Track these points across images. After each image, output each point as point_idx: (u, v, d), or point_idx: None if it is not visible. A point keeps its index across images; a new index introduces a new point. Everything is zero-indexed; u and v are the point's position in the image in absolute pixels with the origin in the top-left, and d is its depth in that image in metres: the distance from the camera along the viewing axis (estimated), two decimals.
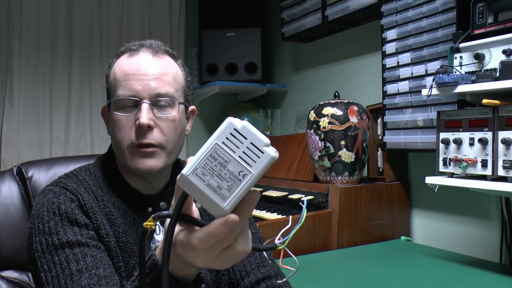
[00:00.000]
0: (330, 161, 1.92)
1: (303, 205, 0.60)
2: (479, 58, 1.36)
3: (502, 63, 1.29)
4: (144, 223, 0.59)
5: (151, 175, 0.95)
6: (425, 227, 1.99)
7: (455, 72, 1.40)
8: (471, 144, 1.36)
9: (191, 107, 1.03)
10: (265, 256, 1.01)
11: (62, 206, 0.87)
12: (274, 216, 1.94)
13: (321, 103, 1.98)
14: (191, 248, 0.56)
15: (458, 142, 1.39)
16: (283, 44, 2.89)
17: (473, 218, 1.81)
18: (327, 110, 1.93)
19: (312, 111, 1.99)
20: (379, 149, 2.03)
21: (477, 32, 1.40)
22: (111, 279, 0.81)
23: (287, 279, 0.98)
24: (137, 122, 0.90)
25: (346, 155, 1.90)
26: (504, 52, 1.31)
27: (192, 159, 0.55)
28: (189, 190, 0.54)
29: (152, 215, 0.59)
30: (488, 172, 1.30)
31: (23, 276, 1.13)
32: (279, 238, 0.61)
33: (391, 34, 1.89)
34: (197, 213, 0.61)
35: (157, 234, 0.97)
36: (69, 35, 2.71)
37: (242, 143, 0.53)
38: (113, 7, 2.82)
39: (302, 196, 2.00)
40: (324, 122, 1.92)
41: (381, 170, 2.04)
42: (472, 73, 1.38)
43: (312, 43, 2.66)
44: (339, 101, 1.95)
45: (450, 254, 1.69)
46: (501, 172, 1.27)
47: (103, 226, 0.89)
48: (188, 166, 0.54)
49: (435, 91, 1.43)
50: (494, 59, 1.34)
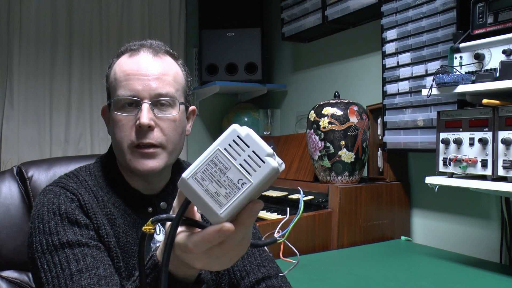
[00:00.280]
0: (330, 161, 1.92)
1: (300, 196, 0.60)
2: (479, 58, 1.36)
3: (502, 63, 1.29)
4: (143, 227, 0.59)
5: (151, 175, 0.95)
6: (425, 227, 2.00)
7: (455, 72, 1.40)
8: (471, 144, 1.36)
9: (192, 107, 1.03)
10: (265, 255, 1.01)
11: (63, 206, 0.87)
12: (274, 216, 1.94)
13: (321, 103, 1.98)
14: (187, 251, 0.57)
15: (458, 142, 1.39)
16: (283, 44, 2.89)
17: (473, 218, 1.81)
18: (327, 110, 1.93)
19: (312, 111, 1.99)
20: (379, 149, 2.03)
21: (477, 32, 1.40)
22: (111, 279, 0.81)
23: (288, 271, 0.98)
24: (138, 122, 0.90)
25: (346, 155, 1.90)
26: (504, 52, 1.31)
27: (194, 163, 0.55)
28: (187, 194, 0.54)
29: (151, 219, 0.58)
30: (488, 172, 1.30)
31: (23, 276, 1.13)
32: (278, 231, 0.61)
33: (391, 34, 1.89)
34: (198, 216, 0.61)
35: (157, 235, 0.97)
36: (69, 35, 2.71)
37: (244, 151, 0.52)
38: (113, 7, 2.82)
39: (302, 196, 2.00)
40: (324, 122, 1.92)
41: (381, 170, 2.04)
42: (472, 73, 1.38)
43: (312, 43, 2.67)
44: (339, 101, 1.95)
45: (450, 254, 1.69)
46: (501, 172, 1.27)
47: (103, 226, 0.89)
48: (189, 170, 0.54)
49: (435, 91, 1.43)
50: (494, 59, 1.34)
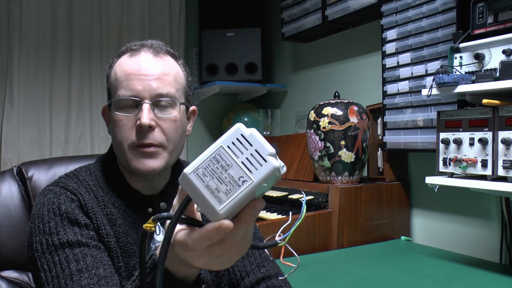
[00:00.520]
0: (330, 161, 1.92)
1: (303, 201, 0.60)
2: (479, 58, 1.36)
3: (502, 63, 1.29)
4: (144, 225, 0.59)
5: (151, 175, 0.95)
6: (425, 227, 2.00)
7: (455, 72, 1.40)
8: (471, 144, 1.36)
9: (192, 107, 1.03)
10: (265, 255, 1.01)
11: (63, 206, 0.87)
12: (274, 216, 1.94)
13: (321, 103, 1.98)
14: (187, 248, 0.57)
15: (458, 142, 1.39)
16: (283, 44, 2.89)
17: (473, 218, 1.81)
18: (327, 110, 1.93)
19: (312, 111, 1.99)
20: (379, 149, 2.03)
21: (477, 32, 1.40)
22: (111, 279, 0.81)
23: (288, 275, 0.98)
24: (138, 122, 0.90)
25: (346, 155, 1.90)
26: (504, 52, 1.31)
27: (196, 159, 0.55)
28: (188, 189, 0.54)
29: (152, 217, 0.58)
30: (488, 172, 1.31)
31: (23, 276, 1.13)
32: (279, 235, 0.61)
33: (391, 34, 1.89)
34: (198, 215, 0.61)
35: (157, 235, 0.97)
36: (69, 35, 2.71)
37: (247, 149, 0.53)
38: (113, 7, 2.82)
39: (302, 196, 2.00)
40: (324, 122, 1.92)
41: (381, 170, 2.04)
42: (472, 73, 1.38)
43: (312, 43, 2.67)
44: (339, 101, 1.95)
45: (450, 254, 1.69)
46: (501, 172, 1.27)
47: (103, 226, 0.89)
48: (191, 165, 0.54)
49: (435, 91, 1.43)
50: (494, 59, 1.34)
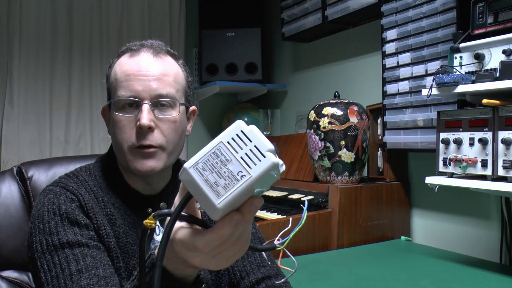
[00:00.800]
0: (330, 161, 1.92)
1: (304, 207, 0.60)
2: (479, 58, 1.36)
3: (502, 63, 1.29)
4: (144, 221, 0.59)
5: (151, 175, 0.95)
6: (425, 227, 2.00)
7: (455, 72, 1.40)
8: (471, 144, 1.36)
9: (192, 108, 1.03)
10: (265, 256, 1.01)
11: (63, 206, 0.87)
12: (274, 216, 1.94)
13: (321, 103, 1.98)
14: (194, 249, 0.56)
15: (458, 142, 1.39)
16: (283, 44, 2.89)
17: (473, 218, 1.81)
18: (327, 110, 1.93)
19: (312, 111, 1.99)
20: (379, 149, 2.03)
21: (477, 32, 1.40)
22: (110, 279, 0.81)
23: (286, 280, 0.98)
24: (138, 123, 0.90)
25: (346, 155, 1.90)
26: (504, 52, 1.31)
27: (196, 154, 0.55)
28: (187, 184, 0.55)
29: (152, 214, 0.59)
30: (488, 172, 1.31)
31: (23, 276, 1.13)
32: (278, 239, 0.61)
33: (391, 34, 1.89)
34: (199, 214, 0.61)
35: (157, 235, 0.97)
36: (69, 35, 2.71)
37: (246, 145, 0.53)
38: (113, 7, 2.82)
39: (302, 196, 2.00)
40: (324, 122, 1.92)
41: (381, 170, 2.04)
42: (472, 73, 1.38)
43: (312, 43, 2.67)
44: (339, 101, 1.95)
45: (450, 254, 1.69)
46: (501, 172, 1.27)
47: (103, 227, 0.89)
48: (191, 160, 0.55)
49: (435, 91, 1.43)
50: (494, 59, 1.34)
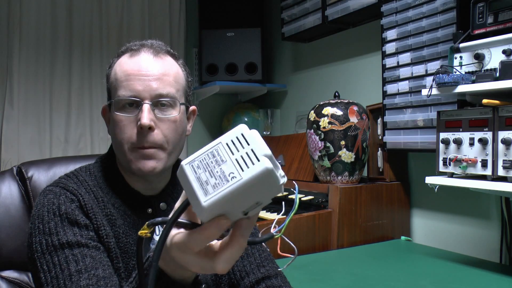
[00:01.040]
0: (330, 161, 1.92)
1: (295, 190, 0.60)
2: (479, 58, 1.36)
3: (502, 63, 1.29)
4: (139, 232, 0.58)
5: (151, 175, 0.95)
6: (425, 227, 2.00)
7: (455, 72, 1.40)
8: (471, 144, 1.36)
9: (192, 107, 1.03)
10: (265, 255, 1.01)
11: (63, 206, 0.87)
12: (274, 216, 1.94)
13: (321, 103, 1.98)
14: (185, 250, 0.56)
15: (458, 142, 1.39)
16: (283, 44, 2.89)
17: (473, 218, 1.81)
18: (327, 110, 1.93)
19: (312, 111, 1.99)
20: (379, 149, 2.03)
21: (477, 32, 1.40)
22: (110, 280, 0.81)
23: (287, 266, 0.98)
24: (138, 123, 0.90)
25: (346, 155, 1.90)
26: (504, 52, 1.31)
27: (195, 152, 0.55)
28: (182, 180, 0.54)
29: (147, 223, 0.58)
30: (488, 172, 1.31)
31: (23, 276, 1.13)
32: (274, 227, 0.60)
33: (391, 34, 1.89)
34: (199, 220, 0.61)
35: (156, 235, 0.97)
36: (69, 35, 2.71)
37: (243, 147, 0.53)
38: (113, 7, 2.82)
39: (302, 196, 2.00)
40: (324, 122, 1.92)
41: (381, 170, 2.04)
42: (472, 73, 1.38)
43: (312, 43, 2.67)
44: (339, 101, 1.95)
45: (450, 254, 1.69)
46: (501, 172, 1.27)
47: (103, 227, 0.89)
48: (189, 157, 0.54)
49: (435, 91, 1.43)
50: (494, 59, 1.34)
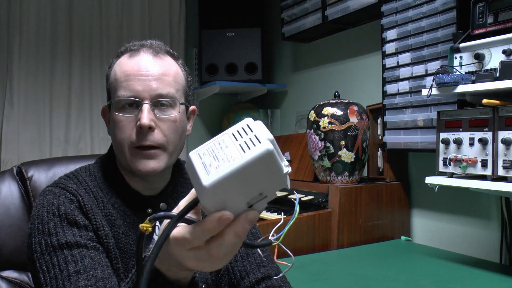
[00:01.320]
0: (330, 161, 1.92)
1: (295, 200, 0.60)
2: (479, 58, 1.36)
3: (502, 63, 1.29)
4: (140, 225, 0.58)
5: (152, 176, 0.95)
6: (425, 227, 2.00)
7: (455, 72, 1.40)
8: (471, 144, 1.36)
9: (192, 107, 1.03)
10: (265, 255, 1.01)
11: (62, 207, 0.87)
12: (274, 216, 1.94)
13: (321, 103, 1.98)
14: (185, 244, 0.56)
15: (458, 142, 1.39)
16: (283, 44, 2.89)
17: (473, 218, 1.81)
18: (327, 110, 1.93)
19: (312, 111, 1.99)
20: (379, 149, 2.03)
21: (477, 32, 1.40)
22: (109, 280, 0.81)
23: (283, 275, 0.98)
24: (138, 123, 0.90)
25: (346, 155, 1.90)
26: (504, 52, 1.31)
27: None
28: (189, 170, 0.55)
29: (148, 217, 0.58)
30: (488, 172, 1.31)
31: (23, 276, 1.13)
32: (272, 234, 0.60)
33: (391, 34, 1.89)
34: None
35: (156, 235, 0.97)
36: (69, 35, 2.71)
37: (247, 134, 0.53)
38: (113, 7, 2.82)
39: (302, 196, 2.00)
40: (324, 122, 1.92)
41: (381, 170, 2.04)
42: (472, 73, 1.38)
43: (312, 43, 2.67)
44: (339, 101, 1.95)
45: (450, 254, 1.69)
46: (501, 172, 1.27)
47: (102, 227, 0.89)
48: (197, 148, 0.56)
49: (435, 91, 1.43)
50: (494, 59, 1.34)
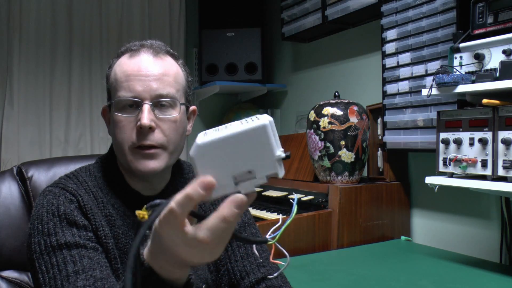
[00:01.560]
0: (330, 161, 1.92)
1: (293, 201, 0.60)
2: (479, 58, 1.36)
3: (502, 63, 1.29)
4: (136, 211, 0.58)
5: (152, 176, 0.94)
6: (425, 227, 2.00)
7: (455, 72, 1.40)
8: (471, 144, 1.36)
9: (192, 107, 1.03)
10: (265, 255, 1.01)
11: (62, 207, 0.87)
12: (274, 216, 1.94)
13: (321, 103, 1.98)
14: (173, 222, 0.55)
15: (458, 142, 1.39)
16: (283, 44, 2.89)
17: (473, 218, 1.81)
18: (327, 110, 1.93)
19: (312, 111, 1.99)
20: (379, 149, 2.03)
21: (477, 32, 1.40)
22: (107, 281, 0.81)
23: (278, 273, 0.98)
24: (139, 123, 0.90)
25: (346, 155, 1.90)
26: (504, 52, 1.31)
27: None
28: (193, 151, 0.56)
29: (145, 205, 0.58)
30: (488, 172, 1.31)
31: (23, 276, 1.13)
32: (269, 234, 0.61)
33: (391, 34, 1.89)
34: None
35: None
36: (69, 35, 2.72)
37: (253, 120, 0.54)
38: (113, 7, 2.82)
39: (302, 196, 2.00)
40: (324, 122, 1.92)
41: (381, 170, 2.04)
42: (472, 73, 1.38)
43: (312, 43, 2.67)
44: (339, 101, 1.95)
45: (450, 254, 1.69)
46: (501, 172, 1.27)
47: (101, 228, 0.89)
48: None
49: (435, 91, 1.43)
50: (494, 59, 1.34)
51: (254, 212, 2.02)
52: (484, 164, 1.31)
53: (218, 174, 0.53)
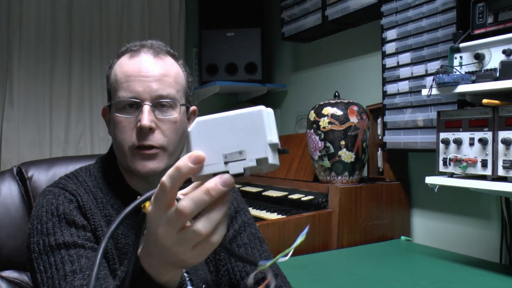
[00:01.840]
0: (330, 161, 1.92)
1: (297, 240, 0.58)
2: (479, 58, 1.36)
3: (502, 63, 1.29)
4: (138, 201, 0.57)
5: (152, 176, 0.94)
6: (425, 227, 2.00)
7: (455, 72, 1.40)
8: (471, 144, 1.36)
9: (192, 108, 1.03)
10: (265, 256, 1.01)
11: (61, 207, 0.87)
12: (274, 216, 1.94)
13: (321, 103, 1.98)
14: (160, 194, 0.55)
15: (458, 142, 1.39)
16: (283, 44, 2.89)
17: (473, 218, 1.81)
18: (327, 110, 1.93)
19: (312, 111, 1.99)
20: (379, 149, 2.03)
21: (477, 32, 1.40)
22: (105, 281, 0.81)
23: (271, 264, 0.97)
24: (139, 124, 0.89)
25: (346, 155, 1.90)
26: (504, 52, 1.31)
27: None
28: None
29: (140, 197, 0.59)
30: (488, 172, 1.31)
31: (23, 276, 1.13)
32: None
33: (391, 34, 1.89)
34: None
35: None
36: (69, 35, 2.72)
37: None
38: (113, 7, 2.82)
39: (302, 196, 2.00)
40: (324, 122, 1.92)
41: (381, 170, 2.04)
42: (472, 73, 1.38)
43: (312, 43, 2.67)
44: (339, 101, 1.95)
45: (450, 254, 1.69)
46: (501, 172, 1.27)
47: (100, 228, 0.89)
48: None
49: (435, 91, 1.43)
50: (494, 59, 1.34)
51: (254, 212, 2.02)
52: (484, 164, 1.31)
53: (210, 151, 0.55)
